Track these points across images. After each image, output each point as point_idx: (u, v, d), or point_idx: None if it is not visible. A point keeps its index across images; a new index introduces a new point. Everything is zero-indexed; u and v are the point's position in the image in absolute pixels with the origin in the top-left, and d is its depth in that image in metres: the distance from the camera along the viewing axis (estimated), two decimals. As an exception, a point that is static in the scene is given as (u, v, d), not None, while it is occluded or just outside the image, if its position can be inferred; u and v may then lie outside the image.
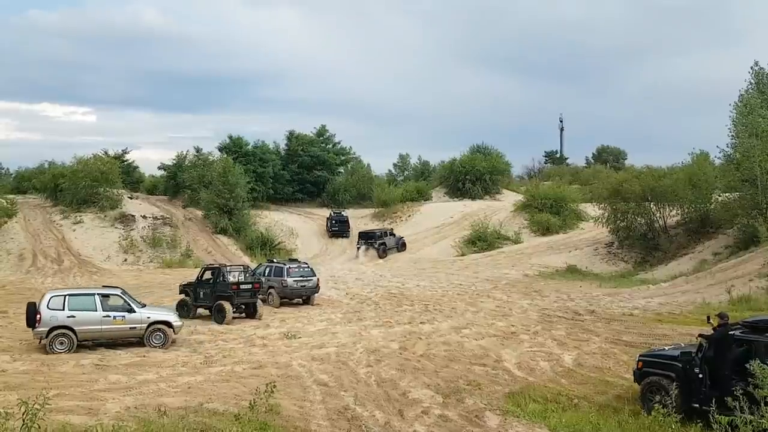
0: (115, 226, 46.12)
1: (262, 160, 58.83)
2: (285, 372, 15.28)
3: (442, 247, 46.67)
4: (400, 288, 30.37)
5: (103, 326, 17.91)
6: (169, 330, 18.60)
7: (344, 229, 51.58)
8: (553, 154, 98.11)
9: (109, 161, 53.26)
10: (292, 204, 61.84)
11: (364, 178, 64.21)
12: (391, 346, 18.34)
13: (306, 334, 20.30)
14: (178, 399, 12.96)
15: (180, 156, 58.78)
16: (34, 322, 17.33)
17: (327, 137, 68.32)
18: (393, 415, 12.78)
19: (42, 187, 52.78)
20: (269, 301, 25.98)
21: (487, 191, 61.71)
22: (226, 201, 48.68)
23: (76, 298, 18.10)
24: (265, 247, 46.21)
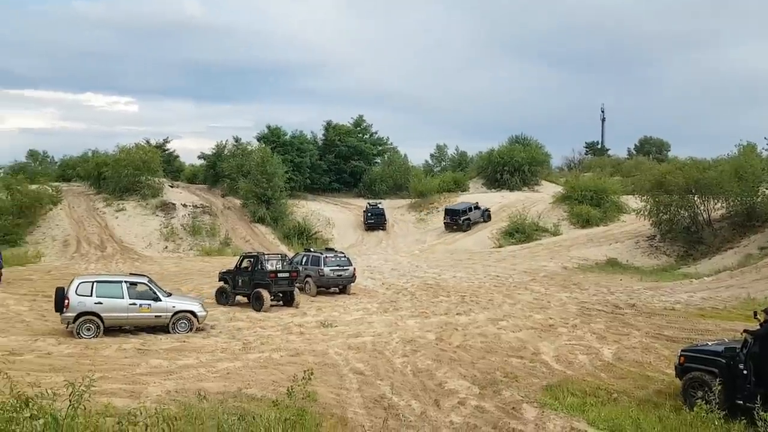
0: (156, 214, 46.99)
1: (299, 150, 59.22)
2: (322, 360, 15.36)
3: (479, 239, 46.35)
4: (436, 279, 30.27)
5: (129, 314, 18.20)
6: (194, 319, 18.82)
7: (380, 221, 51.43)
8: (593, 145, 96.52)
9: (151, 150, 54.20)
10: (329, 194, 62.15)
11: (400, 169, 64.11)
12: (427, 337, 18.31)
13: (342, 323, 20.40)
14: (217, 384, 13.16)
15: (219, 145, 59.58)
16: (62, 307, 17.66)
17: (364, 127, 68.40)
18: (429, 405, 12.76)
19: (86, 175, 54.01)
20: (306, 289, 26.17)
21: (526, 182, 60.99)
22: (264, 190, 49.15)
23: (104, 285, 18.35)
24: (302, 237, 46.54)
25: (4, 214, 40.99)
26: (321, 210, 54.35)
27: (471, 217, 49.22)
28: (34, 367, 13.50)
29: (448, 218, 49.53)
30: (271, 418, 9.12)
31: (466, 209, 49.72)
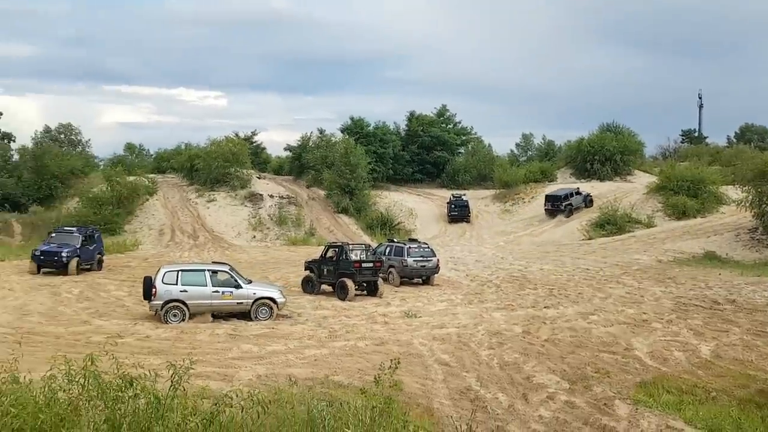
0: (244, 205, 48.43)
1: (382, 141, 59.48)
2: (406, 350, 15.34)
3: (568, 230, 45.10)
4: (522, 271, 29.67)
5: (212, 301, 18.74)
6: (274, 306, 19.17)
7: (464, 213, 50.75)
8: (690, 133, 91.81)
9: (240, 143, 55.87)
10: (412, 185, 62.14)
11: (485, 159, 63.25)
12: (513, 330, 17.97)
13: (426, 314, 20.31)
14: (305, 370, 13.38)
15: (304, 137, 60.76)
16: (150, 295, 18.39)
17: (447, 117, 67.86)
18: (517, 398, 12.52)
19: (179, 167, 56.30)
20: (390, 279, 26.25)
21: (618, 172, 58.67)
22: (347, 181, 49.71)
23: (188, 273, 18.99)
24: (385, 227, 46.76)
25: (104, 205, 43.30)
26: (403, 201, 54.43)
27: (573, 203, 48.36)
28: (135, 349, 14.15)
29: (549, 204, 48.71)
30: (358, 405, 9.15)
31: (567, 194, 48.86)
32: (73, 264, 27.25)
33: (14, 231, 41.94)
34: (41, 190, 46.72)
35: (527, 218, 49.79)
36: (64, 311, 19.79)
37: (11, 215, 43.80)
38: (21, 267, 28.42)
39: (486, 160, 62.97)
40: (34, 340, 15.37)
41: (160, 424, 5.73)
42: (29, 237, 39.59)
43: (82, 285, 24.65)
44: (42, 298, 21.71)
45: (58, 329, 17.16)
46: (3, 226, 42.21)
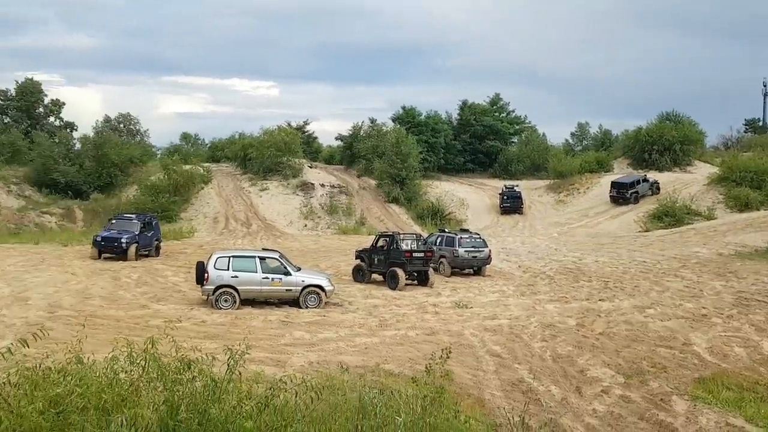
0: (296, 194, 48.96)
1: (434, 131, 59.18)
2: (457, 340, 15.26)
3: (624, 222, 44.06)
4: (576, 263, 29.11)
5: (262, 287, 19.00)
6: (322, 293, 19.29)
7: (517, 205, 49.88)
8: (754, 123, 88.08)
9: (292, 132, 56.45)
10: (463, 174, 61.66)
11: (538, 148, 62.21)
12: (567, 322, 17.67)
13: (478, 305, 20.16)
14: (356, 358, 13.46)
15: (356, 127, 60.93)
16: (203, 280, 18.76)
17: (500, 106, 66.99)
18: (570, 391, 12.34)
19: (233, 156, 57.26)
20: (440, 270, 26.14)
21: (677, 162, 56.88)
22: (398, 171, 49.68)
23: (239, 259, 19.32)
24: (436, 217, 46.58)
25: (161, 192, 44.45)
26: (455, 190, 54.09)
27: (639, 190, 47.47)
28: (191, 333, 14.48)
29: (615, 191, 47.94)
30: (409, 394, 9.15)
31: (634, 182, 48.03)
32: (132, 250, 28.06)
33: (76, 217, 43.51)
34: (102, 178, 48.26)
35: (582, 209, 48.83)
36: (123, 295, 20.41)
37: (74, 202, 45.41)
38: (83, 252, 29.43)
39: (540, 150, 61.94)
40: (95, 322, 15.91)
41: (216, 406, 5.83)
42: (90, 223, 41.02)
43: (141, 270, 25.37)
44: (103, 282, 22.44)
45: (118, 313, 17.72)
46: (66, 212, 43.83)
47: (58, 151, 48.62)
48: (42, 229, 39.72)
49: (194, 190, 47.98)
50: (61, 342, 6.60)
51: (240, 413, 5.94)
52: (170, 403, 5.75)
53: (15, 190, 45.81)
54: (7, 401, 5.16)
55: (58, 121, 61.39)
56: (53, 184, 46.36)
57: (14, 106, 58.29)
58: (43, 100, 60.25)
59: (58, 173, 46.36)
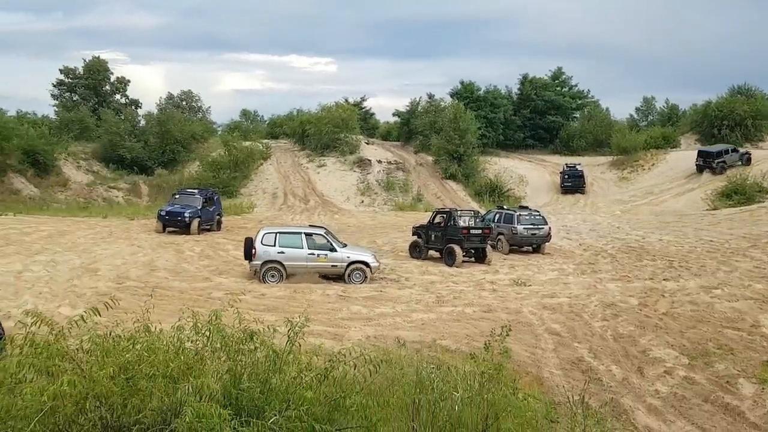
0: (353, 170, 49.18)
1: (493, 106, 58.25)
2: (515, 318, 15.12)
3: (690, 200, 42.52)
4: (640, 241, 28.31)
5: (308, 263, 19.23)
6: (367, 270, 19.35)
7: (579, 184, 48.32)
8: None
9: (349, 108, 56.54)
10: (523, 150, 60.59)
11: (601, 124, 60.30)
12: (629, 302, 17.27)
13: (536, 283, 19.91)
14: (412, 333, 13.52)
15: (413, 102, 60.51)
16: (250, 256, 19.07)
17: (563, 80, 65.19)
18: (631, 371, 12.12)
19: (291, 132, 57.82)
20: (498, 247, 25.88)
21: (748, 138, 54.20)
22: (456, 147, 49.22)
23: (286, 235, 19.60)
24: (494, 194, 46.06)
25: (222, 168, 45.43)
26: (514, 167, 53.28)
27: (726, 160, 45.68)
28: (252, 306, 14.80)
29: (701, 160, 46.46)
30: (467, 370, 9.12)
31: (721, 151, 46.40)
32: (194, 224, 28.81)
33: (142, 192, 44.96)
34: (165, 154, 49.56)
35: (647, 186, 47.36)
36: (187, 268, 21.02)
37: (139, 177, 46.87)
38: (148, 226, 30.40)
39: (603, 125, 60.07)
40: (161, 293, 16.45)
41: (277, 376, 5.93)
42: (155, 198, 42.34)
43: (203, 244, 26.05)
44: (167, 255, 23.16)
45: (182, 284, 18.28)
46: (132, 187, 45.34)
47: (124, 128, 50.10)
48: (110, 204, 41.26)
49: (254, 166, 48.80)
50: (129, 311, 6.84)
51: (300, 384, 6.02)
52: (233, 373, 5.89)
53: (84, 165, 47.60)
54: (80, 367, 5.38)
55: (124, 98, 63.13)
56: (120, 159, 47.92)
57: (82, 84, 60.18)
58: (110, 78, 61.95)
59: (124, 149, 47.86)
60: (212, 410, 4.88)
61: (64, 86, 60.67)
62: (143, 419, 5.24)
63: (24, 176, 41.29)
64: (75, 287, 17.28)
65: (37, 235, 25.63)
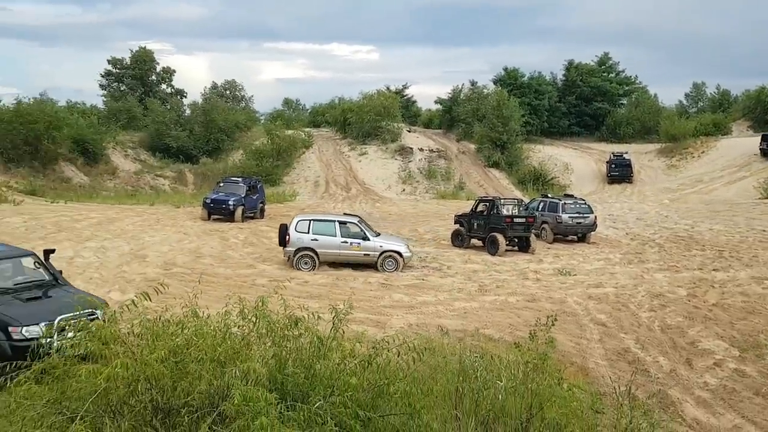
0: (395, 158, 49.16)
1: (537, 92, 57.41)
2: (560, 308, 14.92)
3: (742, 188, 41.24)
4: (688, 231, 27.61)
5: (341, 251, 19.26)
6: (400, 259, 19.29)
7: (626, 173, 47.03)
8: None
9: (391, 96, 56.47)
10: (568, 138, 59.57)
11: (649, 110, 58.87)
12: (677, 292, 16.88)
13: (581, 272, 19.60)
14: (454, 322, 13.47)
15: (455, 90, 60.08)
16: (285, 242, 19.24)
17: (609, 66, 63.73)
18: (679, 363, 11.87)
19: (333, 121, 58.12)
20: (542, 236, 25.54)
21: (803, 124, 52.43)
22: (499, 135, 48.75)
23: (319, 223, 19.66)
24: (538, 182, 45.54)
25: (265, 157, 45.98)
26: (559, 155, 52.49)
27: None
28: (295, 293, 14.96)
29: (765, 144, 45.14)
30: (510, 359, 9.04)
31: None
32: (238, 212, 29.21)
33: (187, 180, 45.82)
34: (210, 143, 50.39)
35: (696, 174, 46.11)
36: (231, 255, 21.35)
37: (185, 166, 47.77)
38: (194, 213, 30.96)
39: (651, 112, 58.66)
40: (207, 279, 16.70)
41: (321, 363, 5.99)
42: (200, 186, 43.11)
43: (247, 231, 26.41)
44: (212, 242, 23.56)
45: (227, 271, 18.58)
46: (178, 175, 46.27)
47: (170, 118, 51.06)
48: (156, 191, 42.17)
49: (296, 155, 49.23)
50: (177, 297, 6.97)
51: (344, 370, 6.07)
52: (278, 358, 5.97)
53: (131, 154, 48.72)
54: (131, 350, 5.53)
55: (170, 88, 64.29)
56: (166, 148, 48.90)
57: (129, 74, 61.48)
58: (155, 68, 63.13)
59: (170, 138, 48.80)
60: (259, 394, 4.95)
61: (112, 76, 62.09)
62: (192, 402, 5.36)
63: (74, 165, 42.51)
64: (124, 273, 17.72)
65: (87, 222, 26.35)
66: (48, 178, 39.44)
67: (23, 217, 25.78)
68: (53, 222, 25.45)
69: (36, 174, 39.07)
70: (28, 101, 41.96)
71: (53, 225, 24.81)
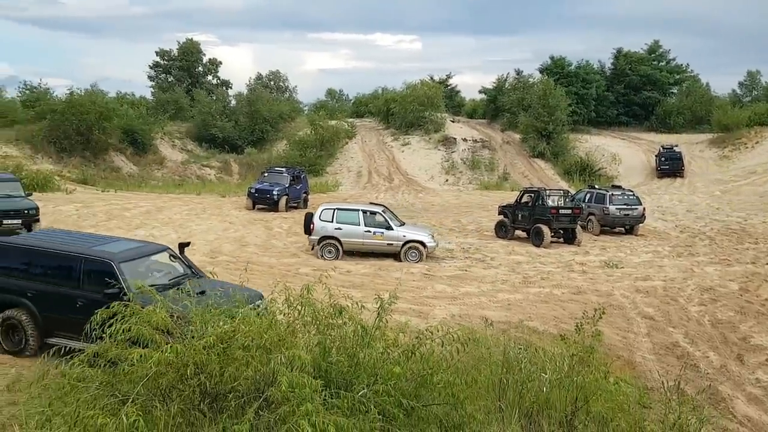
0: (438, 148, 48.90)
1: (585, 81, 56.24)
2: (606, 300, 14.68)
3: (800, 179, 39.75)
4: (741, 224, 26.77)
5: (364, 240, 19.23)
6: (423, 249, 19.14)
7: (677, 167, 44.91)
8: None
9: (434, 86, 56.11)
10: (616, 128, 58.24)
11: (701, 99, 56.97)
12: (729, 286, 16.43)
13: (629, 265, 19.22)
14: (498, 313, 13.37)
15: (500, 79, 59.41)
16: (309, 231, 19.35)
17: (660, 54, 61.87)
18: (730, 359, 11.58)
19: (376, 111, 58.12)
20: (589, 228, 25.11)
21: None
22: (544, 124, 48.01)
23: (344, 212, 19.67)
24: (584, 173, 44.65)
25: (308, 147, 46.29)
26: (606, 145, 51.38)
27: None
28: (339, 282, 15.01)
29: None
30: (556, 352, 8.95)
31: None
32: (282, 202, 29.52)
33: (233, 170, 46.50)
34: (254, 133, 51.02)
35: (750, 165, 44.54)
36: (275, 244, 21.60)
37: (230, 156, 48.50)
38: (239, 203, 31.42)
39: (702, 101, 56.78)
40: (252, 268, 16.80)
41: (365, 351, 6.03)
42: (245, 176, 43.71)
43: (290, 221, 26.65)
44: (257, 231, 23.87)
45: (271, 260, 18.80)
46: (223, 165, 46.99)
47: (216, 108, 51.84)
48: (203, 181, 42.93)
49: (339, 145, 49.42)
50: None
51: (387, 359, 6.10)
52: (323, 346, 6.03)
53: (179, 144, 49.68)
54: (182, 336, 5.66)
55: (215, 79, 65.24)
56: (212, 138, 49.71)
57: (177, 66, 62.60)
58: (202, 59, 64.10)
59: (216, 129, 49.57)
60: (305, 381, 5.01)
61: (160, 68, 63.31)
62: (238, 387, 5.46)
63: (124, 155, 43.59)
64: (173, 261, 18.10)
65: (137, 210, 27.00)
66: (99, 167, 40.54)
67: (75, 206, 26.55)
68: (104, 210, 26.16)
69: (87, 163, 40.22)
70: (79, 92, 43.13)
71: (104, 213, 25.50)
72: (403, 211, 31.20)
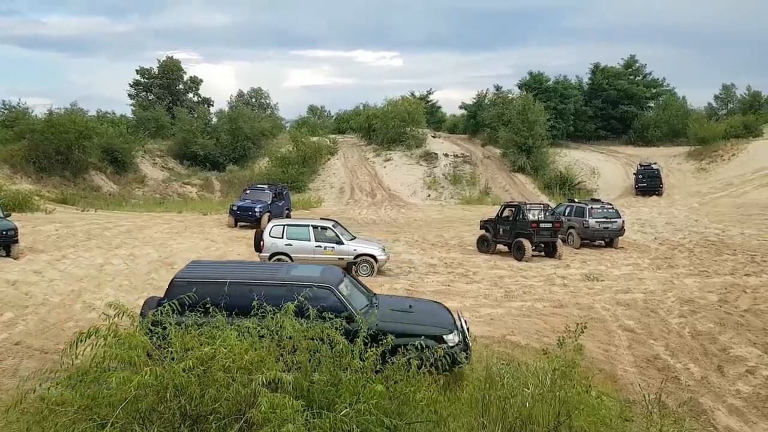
0: (419, 164, 49.10)
1: (563, 96, 56.89)
2: (587, 314, 14.77)
3: (776, 191, 40.38)
4: (719, 235, 27.13)
5: (315, 255, 19.15)
6: (375, 263, 19.20)
7: (655, 185, 44.22)
8: None
9: (415, 102, 56.50)
10: (594, 141, 58.99)
11: (677, 113, 58.00)
12: (708, 298, 16.60)
13: (609, 278, 19.37)
14: (480, 328, 13.37)
15: (480, 95, 59.91)
16: (260, 247, 19.34)
17: (636, 68, 62.93)
18: (711, 370, 11.64)
19: (357, 127, 58.31)
20: (569, 241, 25.33)
21: (837, 126, 51.19)
22: (524, 139, 48.42)
23: (293, 228, 19.76)
24: (564, 187, 45.07)
25: (291, 164, 46.28)
26: (585, 159, 51.92)
27: None
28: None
29: None
30: (538, 366, 8.97)
31: None
32: (264, 219, 29.33)
33: (214, 188, 46.29)
34: (236, 151, 50.92)
35: (726, 178, 45.23)
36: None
37: (212, 173, 48.33)
38: (221, 220, 31.25)
39: (679, 115, 57.78)
40: (233, 286, 16.86)
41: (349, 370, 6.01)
42: (227, 193, 43.53)
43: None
44: (239, 248, 23.71)
45: (254, 278, 18.64)
46: (205, 183, 46.78)
47: (197, 126, 51.73)
48: (184, 199, 42.64)
49: (321, 161, 49.46)
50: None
51: (370, 378, 6.08)
52: (304, 366, 6.01)
53: (160, 162, 49.39)
54: (160, 359, 5.61)
55: (196, 97, 65.15)
56: (193, 156, 49.52)
57: (157, 84, 62.44)
58: (183, 77, 64.00)
59: (197, 146, 49.41)
60: (286, 401, 4.98)
61: (141, 86, 63.11)
62: (219, 409, 5.41)
63: (104, 174, 43.23)
64: (153, 280, 17.93)
65: (117, 229, 26.74)
66: (78, 186, 40.16)
67: (55, 225, 26.24)
68: (84, 230, 25.88)
69: (67, 183, 39.83)
70: (59, 112, 42.79)
71: (84, 233, 25.22)
72: (385, 226, 31.24)
